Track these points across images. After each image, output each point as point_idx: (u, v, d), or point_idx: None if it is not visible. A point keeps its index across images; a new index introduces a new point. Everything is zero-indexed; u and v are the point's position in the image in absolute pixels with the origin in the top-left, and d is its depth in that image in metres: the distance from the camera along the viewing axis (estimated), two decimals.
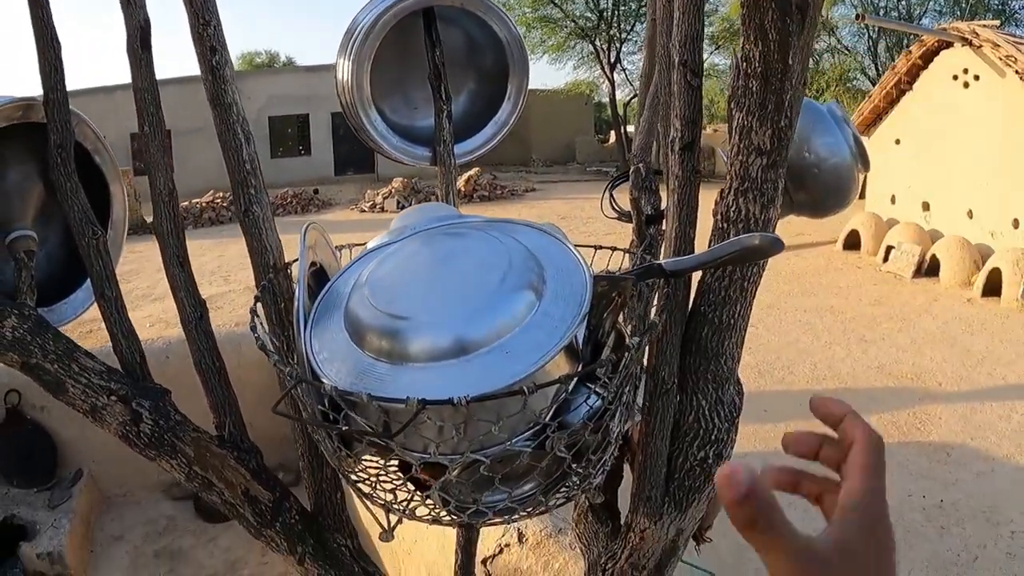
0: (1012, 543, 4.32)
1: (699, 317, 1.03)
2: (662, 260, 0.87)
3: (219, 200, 18.21)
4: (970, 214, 10.79)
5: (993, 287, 9.24)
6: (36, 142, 1.32)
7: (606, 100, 30.94)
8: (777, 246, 0.82)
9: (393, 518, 0.97)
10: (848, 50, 27.89)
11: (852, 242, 12.28)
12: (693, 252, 1.02)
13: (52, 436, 4.37)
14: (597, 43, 27.77)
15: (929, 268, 10.45)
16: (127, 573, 3.89)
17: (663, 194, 1.62)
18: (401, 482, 0.89)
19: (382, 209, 19.24)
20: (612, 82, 28.00)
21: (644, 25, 27.87)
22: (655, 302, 0.98)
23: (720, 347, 1.02)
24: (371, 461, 0.92)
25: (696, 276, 1.01)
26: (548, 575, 2.08)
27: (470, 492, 0.83)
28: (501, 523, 0.85)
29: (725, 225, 0.97)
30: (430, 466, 0.82)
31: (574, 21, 27.58)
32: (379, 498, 0.89)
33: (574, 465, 0.82)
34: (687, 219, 1.05)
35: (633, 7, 27.38)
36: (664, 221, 1.21)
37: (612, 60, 27.77)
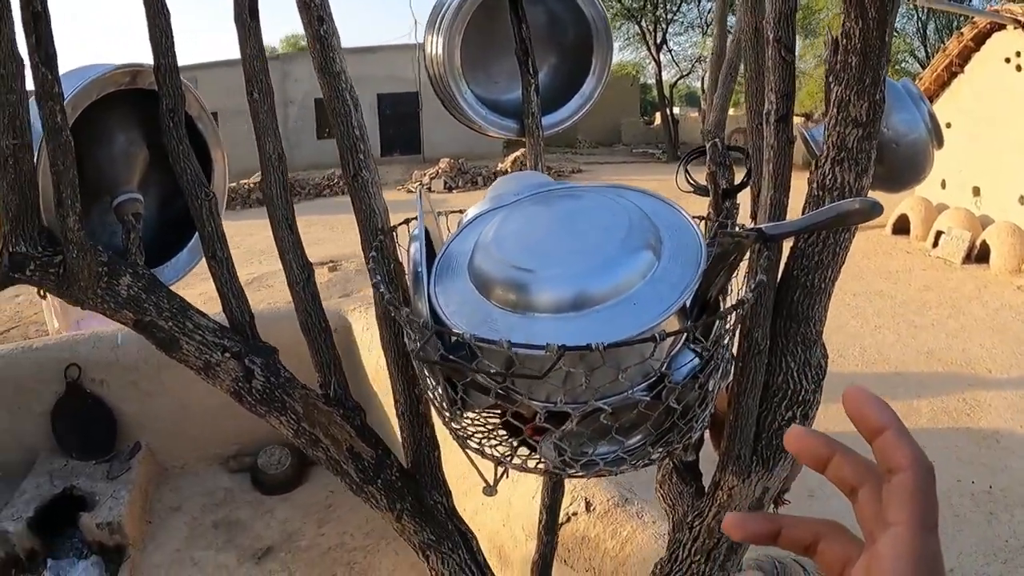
0: None
1: (791, 281, 1.07)
2: (763, 224, 0.92)
3: None
4: (1021, 200, 10.59)
5: None
6: (140, 108, 1.38)
7: (652, 82, 30.66)
8: (877, 210, 0.86)
9: (497, 473, 1.03)
10: (897, 32, 27.39)
11: (901, 227, 12.13)
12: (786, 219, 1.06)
13: (111, 409, 4.43)
14: (643, 24, 27.51)
15: (979, 254, 10.30)
16: (185, 543, 3.97)
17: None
18: (514, 437, 0.95)
19: (429, 189, 19.34)
20: (659, 63, 27.75)
21: (690, 6, 27.53)
22: (747, 268, 1.02)
23: (810, 311, 1.07)
24: (483, 416, 0.98)
25: (787, 243, 1.05)
26: (615, 543, 2.14)
27: (579, 445, 0.89)
28: (609, 474, 0.90)
29: (821, 193, 1.01)
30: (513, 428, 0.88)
31: (620, 2, 27.34)
32: (491, 452, 0.95)
33: (680, 420, 0.87)
34: (782, 187, 1.09)
35: None
36: (751, 190, 1.25)
37: (658, 41, 27.52)
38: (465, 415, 0.97)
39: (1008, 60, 10.79)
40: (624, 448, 0.87)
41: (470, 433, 0.97)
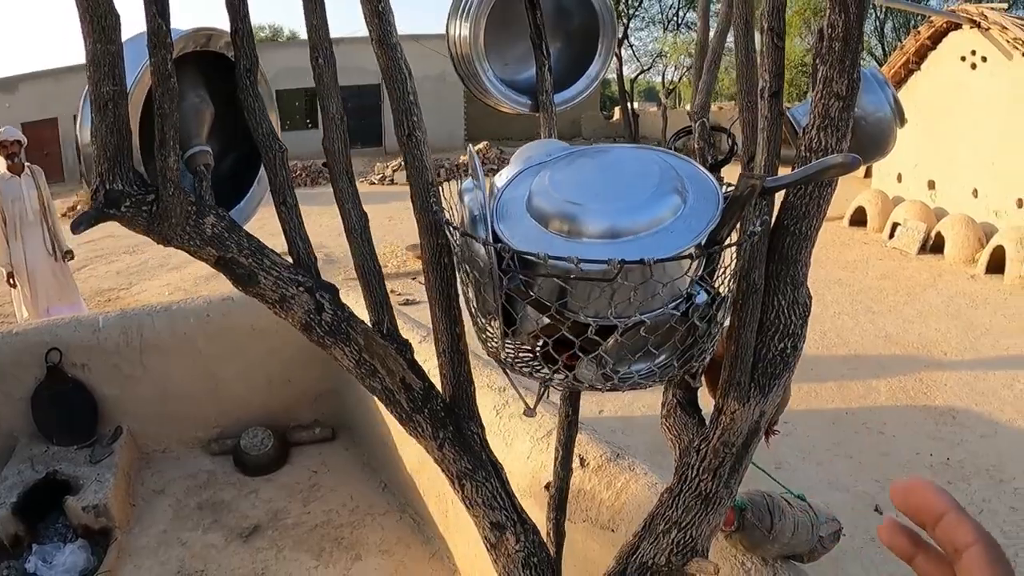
0: (1015, 498, 4.56)
1: (782, 229, 1.26)
2: (764, 177, 1.10)
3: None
4: (975, 193, 10.98)
5: (997, 265, 9.45)
6: (208, 69, 1.51)
7: (612, 76, 30.91)
8: (856, 163, 1.05)
9: (531, 400, 1.21)
10: None
11: (858, 218, 12.49)
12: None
13: (92, 393, 4.35)
14: None
15: (934, 245, 10.66)
16: (171, 525, 3.97)
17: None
18: (550, 364, 1.13)
19: (392, 181, 19.40)
20: (619, 58, 28.00)
21: (652, 2, 27.62)
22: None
23: (798, 255, 1.26)
24: (528, 343, 1.16)
25: (779, 197, 1.24)
26: (611, 493, 2.32)
27: (619, 361, 1.07)
28: (642, 387, 1.08)
29: (808, 154, 1.21)
30: (566, 344, 1.06)
31: None
32: (539, 374, 1.13)
33: (701, 338, 1.06)
34: (774, 150, 1.28)
35: None
36: (741, 158, 1.45)
37: (620, 36, 27.87)
38: (513, 343, 1.15)
39: (963, 58, 11.15)
40: (655, 363, 1.06)
41: (519, 359, 1.15)
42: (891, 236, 11.32)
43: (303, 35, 1.37)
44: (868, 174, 14.70)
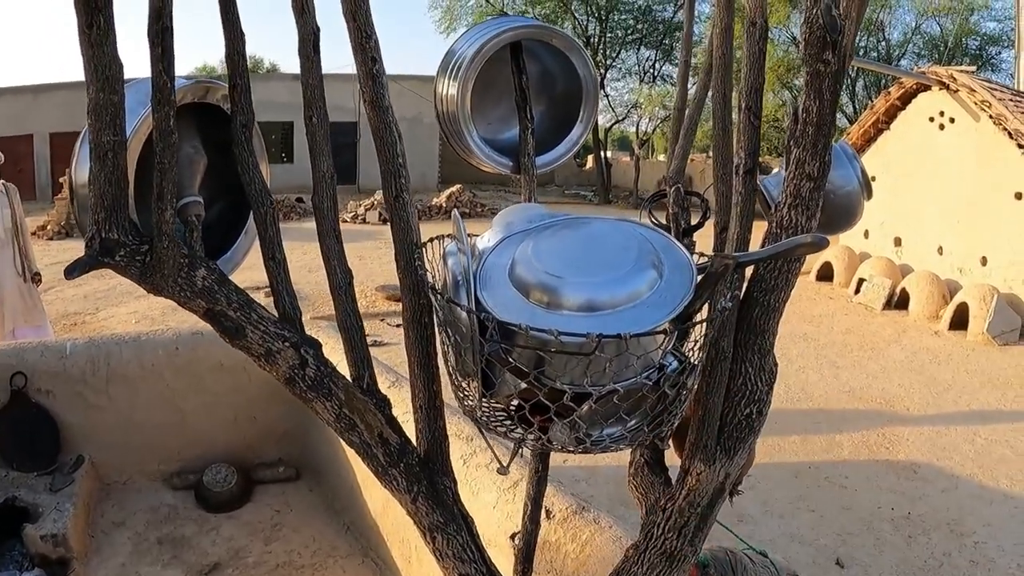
0: (975, 552, 4.64)
1: (751, 301, 1.31)
2: (735, 254, 1.16)
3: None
4: (940, 250, 11.24)
5: (960, 321, 9.67)
6: (203, 120, 1.55)
7: None
8: (824, 243, 1.11)
9: (506, 458, 1.24)
10: None
11: (825, 273, 12.72)
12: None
13: (56, 420, 4.31)
14: None
15: (899, 301, 10.90)
16: (130, 558, 3.89)
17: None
18: (526, 425, 1.16)
19: (364, 220, 19.45)
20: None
21: (629, 53, 28.17)
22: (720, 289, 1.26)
23: (766, 325, 1.31)
24: (504, 405, 1.19)
25: (748, 270, 1.30)
26: (576, 545, 2.34)
27: (591, 426, 1.11)
28: (614, 451, 1.12)
29: (779, 231, 1.26)
30: (541, 408, 1.09)
31: None
32: (514, 435, 1.16)
33: (670, 405, 1.10)
34: (746, 225, 1.34)
35: (619, 35, 27.96)
36: (713, 228, 1.50)
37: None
38: (489, 404, 1.18)
39: (932, 119, 11.49)
40: (626, 428, 1.10)
41: (494, 419, 1.18)
42: (857, 291, 11.54)
43: (283, 67, 1.41)
44: None
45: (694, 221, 1.83)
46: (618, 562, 1.53)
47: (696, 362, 1.16)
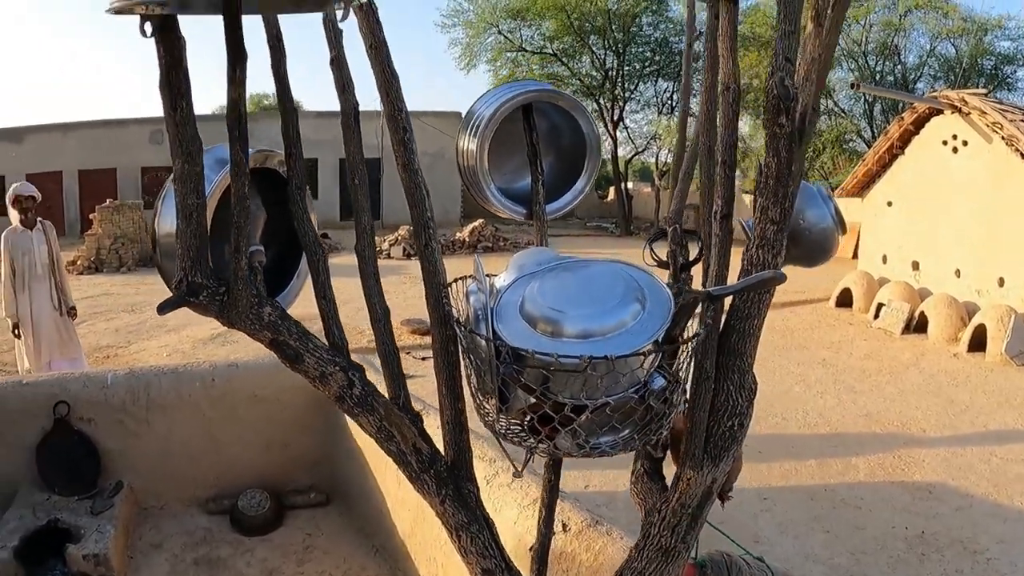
0: (988, 568, 4.75)
1: (729, 327, 1.53)
2: (709, 288, 1.38)
3: None
4: (958, 273, 11.33)
5: (979, 342, 9.75)
6: (260, 181, 1.79)
7: (607, 157, 31.57)
8: (782, 277, 1.34)
9: (519, 463, 1.46)
10: (845, 113, 28.62)
11: (844, 300, 12.81)
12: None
13: (96, 447, 4.50)
14: (601, 101, 28.43)
15: (918, 325, 10.97)
16: None
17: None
18: (535, 435, 1.39)
19: (388, 256, 19.75)
20: (615, 139, 28.63)
21: (647, 85, 28.36)
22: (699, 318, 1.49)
23: (743, 348, 1.53)
24: (517, 418, 1.42)
25: (727, 301, 1.52)
26: (590, 555, 2.54)
27: (590, 434, 1.33)
28: (609, 455, 1.34)
29: (749, 267, 1.48)
30: (547, 419, 1.32)
31: (580, 80, 28.33)
32: (526, 443, 1.39)
33: (655, 417, 1.32)
34: (723, 263, 1.56)
35: (637, 67, 28.23)
36: (701, 264, 1.73)
37: (615, 118, 28.45)
38: (506, 418, 1.41)
39: (945, 143, 11.64)
40: (619, 436, 1.32)
41: (510, 431, 1.41)
42: (876, 317, 11.62)
43: (307, 105, 1.65)
44: (855, 255, 15.09)
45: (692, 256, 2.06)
46: (623, 561, 1.75)
47: (681, 381, 1.38)
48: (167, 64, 1.32)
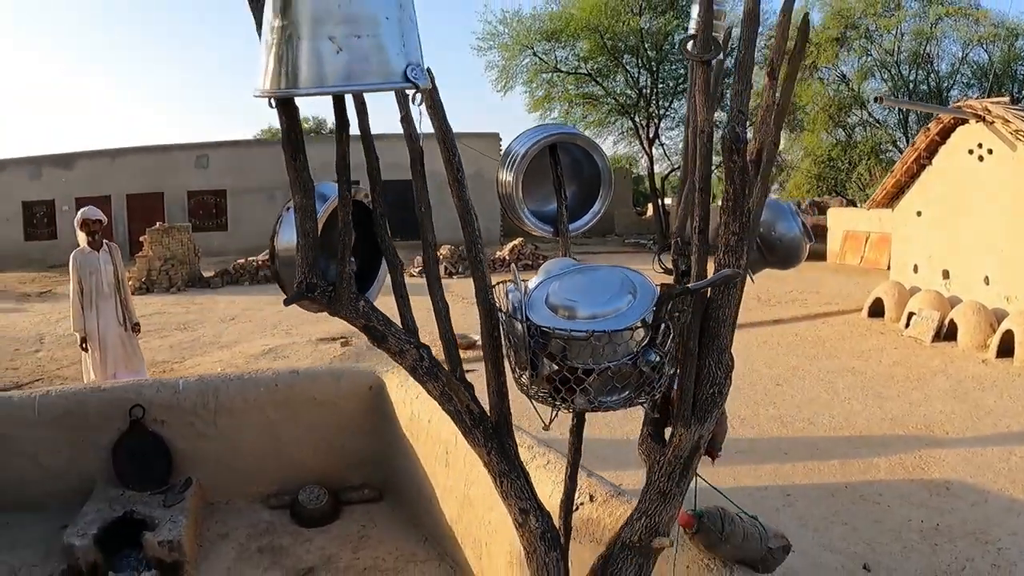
0: (998, 557, 5.02)
1: (708, 313, 1.99)
2: (689, 285, 1.86)
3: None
4: (986, 280, 11.47)
5: (1007, 348, 9.91)
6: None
7: (644, 174, 31.67)
8: (736, 275, 1.81)
9: (546, 418, 1.95)
10: (880, 123, 28.64)
11: (876, 310, 13.01)
12: None
13: (168, 447, 4.94)
14: (636, 119, 28.71)
15: (948, 332, 11.14)
16: (235, 564, 4.42)
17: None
18: (557, 395, 1.86)
19: None
20: (651, 156, 28.90)
21: (681, 102, 28.55)
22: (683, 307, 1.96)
23: (720, 330, 1.98)
24: (544, 384, 1.90)
25: (708, 292, 1.99)
26: (612, 520, 2.97)
27: (598, 393, 1.80)
28: (615, 409, 1.82)
29: (718, 267, 1.95)
30: (565, 383, 1.80)
31: (615, 99, 28.66)
32: (551, 402, 1.87)
33: (647, 381, 1.80)
34: (702, 264, 2.03)
35: (671, 85, 28.52)
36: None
37: (651, 136, 28.70)
38: (536, 384, 1.90)
39: (971, 151, 11.84)
40: (621, 396, 1.79)
41: (537, 391, 1.90)
42: (907, 325, 11.83)
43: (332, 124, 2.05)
44: (889, 267, 15.27)
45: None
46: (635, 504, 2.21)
47: (667, 355, 1.85)
48: (287, 126, 1.83)
